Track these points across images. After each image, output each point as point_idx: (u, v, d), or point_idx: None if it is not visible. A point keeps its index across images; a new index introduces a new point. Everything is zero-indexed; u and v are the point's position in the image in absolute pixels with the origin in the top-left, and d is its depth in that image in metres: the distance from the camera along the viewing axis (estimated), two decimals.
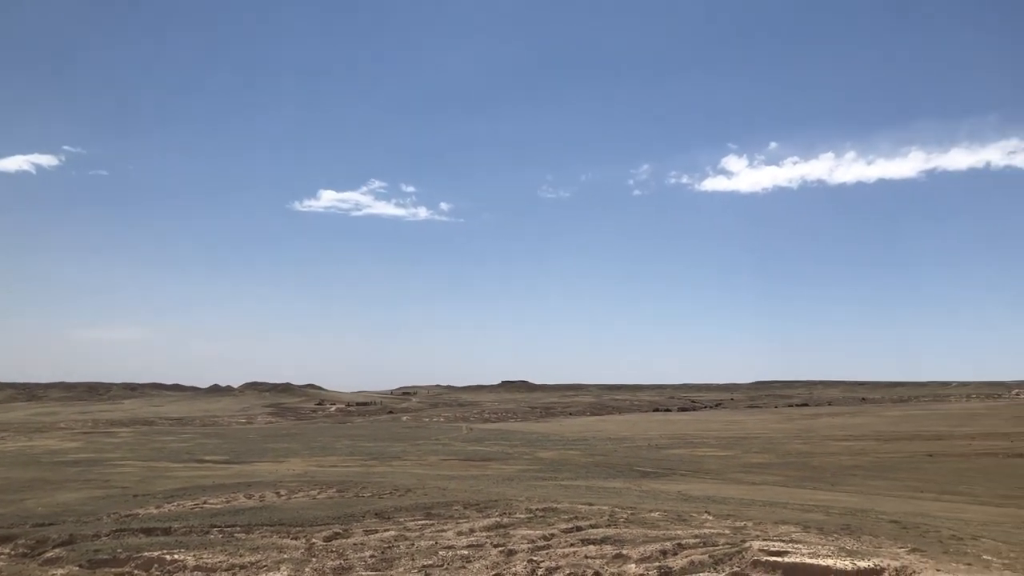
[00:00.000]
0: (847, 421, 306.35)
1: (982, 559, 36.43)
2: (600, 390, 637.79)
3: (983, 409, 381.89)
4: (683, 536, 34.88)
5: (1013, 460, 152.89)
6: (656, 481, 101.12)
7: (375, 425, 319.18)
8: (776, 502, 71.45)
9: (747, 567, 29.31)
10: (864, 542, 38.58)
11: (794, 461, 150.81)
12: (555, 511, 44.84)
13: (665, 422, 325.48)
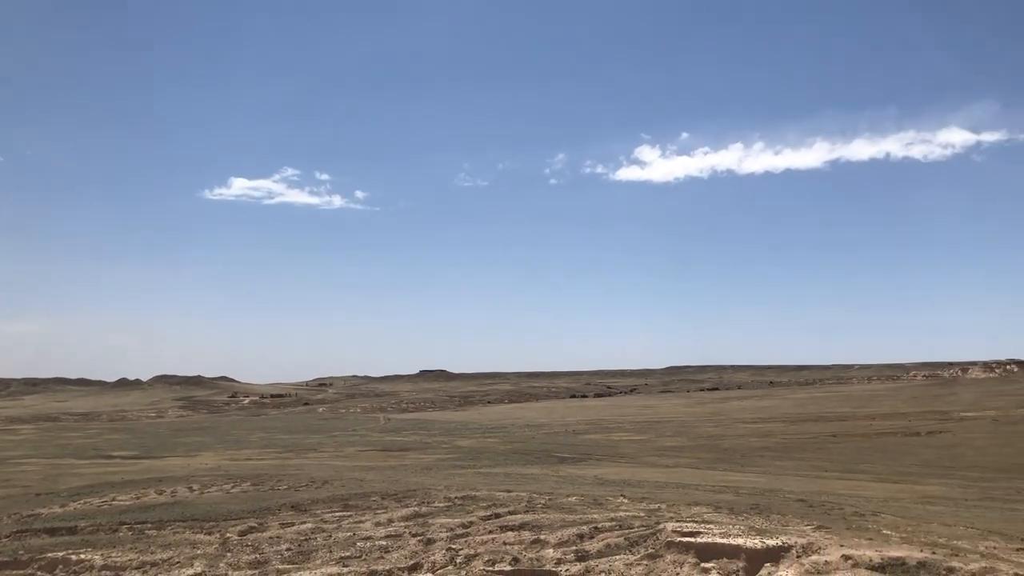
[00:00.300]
0: (755, 404, 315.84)
1: (882, 534, 38.14)
2: (518, 378, 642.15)
3: (883, 391, 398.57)
4: (599, 520, 35.47)
5: (910, 439, 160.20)
6: (573, 466, 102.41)
7: (290, 417, 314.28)
8: (689, 484, 73.24)
9: (661, 548, 30.02)
10: (773, 521, 39.93)
11: (705, 444, 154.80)
12: (474, 499, 45.01)
13: (582, 408, 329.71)
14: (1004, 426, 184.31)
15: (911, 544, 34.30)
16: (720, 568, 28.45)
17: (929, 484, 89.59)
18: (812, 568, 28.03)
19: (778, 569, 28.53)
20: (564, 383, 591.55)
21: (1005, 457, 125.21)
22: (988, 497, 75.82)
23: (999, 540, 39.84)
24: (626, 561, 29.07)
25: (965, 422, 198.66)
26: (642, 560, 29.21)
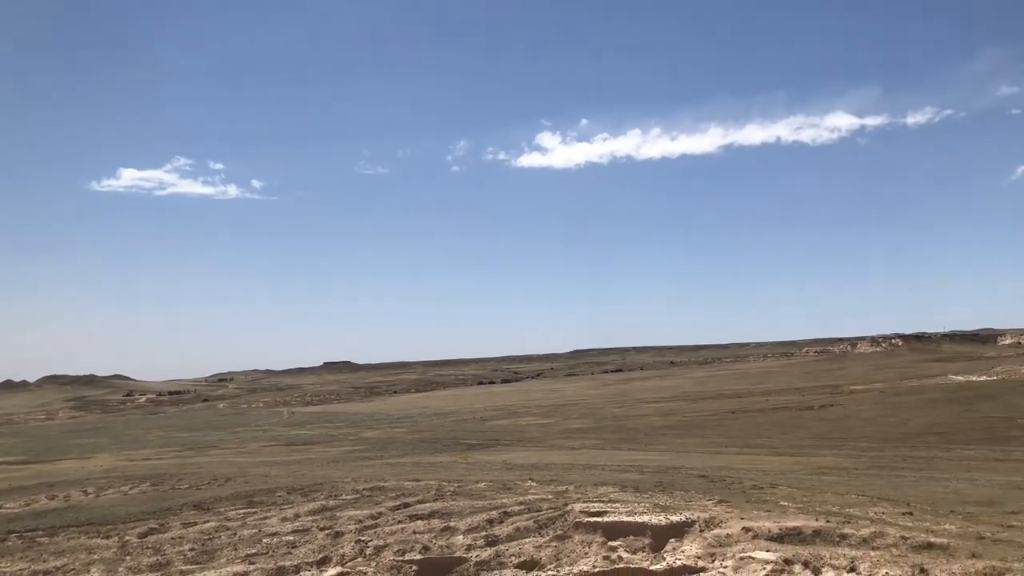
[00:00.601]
0: (658, 384, 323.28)
1: (779, 505, 39.65)
2: (424, 366, 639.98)
3: (778, 367, 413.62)
4: (508, 504, 35.76)
5: (803, 412, 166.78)
6: (482, 452, 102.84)
7: (190, 414, 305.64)
8: (595, 465, 74.51)
9: (570, 529, 30.48)
10: (676, 497, 41.03)
11: (610, 425, 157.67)
12: (382, 489, 44.78)
13: (489, 394, 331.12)
14: (890, 397, 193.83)
15: (807, 514, 35.77)
16: (627, 546, 29.08)
17: (822, 455, 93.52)
18: (714, 541, 28.92)
19: (682, 544, 29.34)
20: (471, 370, 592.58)
21: (891, 427, 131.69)
22: (876, 466, 79.68)
23: (887, 506, 41.95)
24: (536, 544, 29.40)
25: (855, 395, 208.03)
26: (551, 542, 29.60)
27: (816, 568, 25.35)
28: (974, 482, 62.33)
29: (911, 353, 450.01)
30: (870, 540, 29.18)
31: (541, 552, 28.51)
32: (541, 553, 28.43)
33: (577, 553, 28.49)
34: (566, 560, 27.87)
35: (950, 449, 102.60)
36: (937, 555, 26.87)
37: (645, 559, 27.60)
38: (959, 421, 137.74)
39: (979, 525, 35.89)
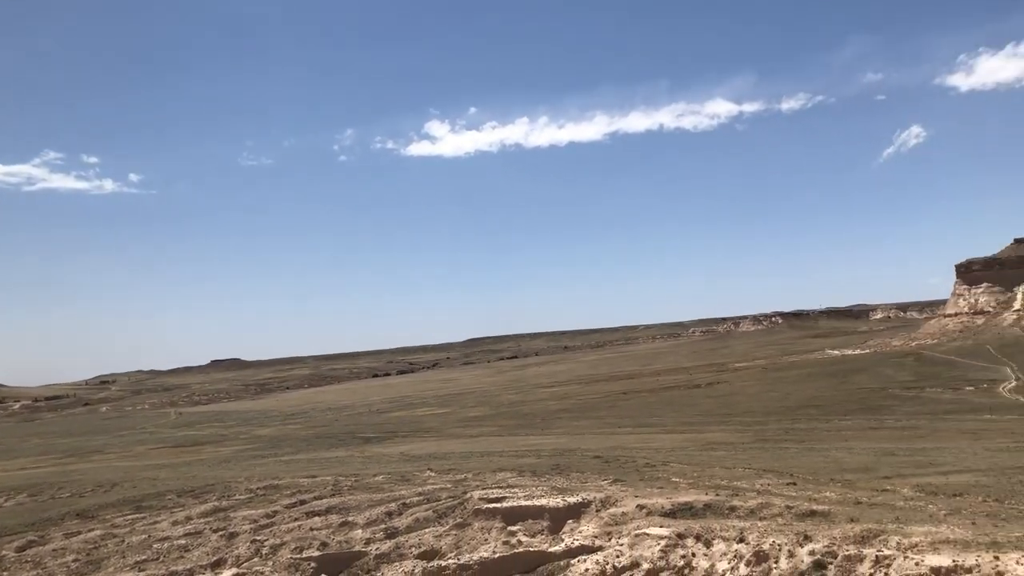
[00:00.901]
0: (552, 369, 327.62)
1: (672, 481, 40.86)
2: (317, 361, 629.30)
3: (666, 348, 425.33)
4: (407, 496, 35.65)
5: (692, 391, 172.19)
6: (379, 445, 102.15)
7: (70, 420, 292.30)
8: (493, 451, 75.08)
9: (469, 516, 30.62)
10: (573, 479, 41.76)
11: (507, 411, 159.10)
12: (277, 488, 43.96)
13: (384, 386, 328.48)
14: (772, 373, 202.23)
15: (697, 488, 36.99)
16: (526, 529, 29.44)
17: (711, 431, 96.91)
18: (610, 520, 29.60)
19: (579, 524, 29.91)
20: (366, 363, 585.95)
21: (773, 401, 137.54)
22: (761, 439, 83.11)
23: (772, 477, 43.80)
24: (435, 533, 29.43)
25: (739, 372, 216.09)
26: (451, 530, 29.69)
27: (708, 541, 26.26)
28: (851, 451, 65.79)
29: (791, 330, 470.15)
30: (757, 511, 30.43)
31: (441, 541, 28.55)
32: (441, 542, 28.48)
33: (477, 540, 28.65)
34: (466, 548, 28.00)
35: (829, 420, 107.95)
36: (819, 521, 28.26)
37: (544, 542, 27.99)
38: (836, 393, 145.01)
39: (856, 491, 37.89)
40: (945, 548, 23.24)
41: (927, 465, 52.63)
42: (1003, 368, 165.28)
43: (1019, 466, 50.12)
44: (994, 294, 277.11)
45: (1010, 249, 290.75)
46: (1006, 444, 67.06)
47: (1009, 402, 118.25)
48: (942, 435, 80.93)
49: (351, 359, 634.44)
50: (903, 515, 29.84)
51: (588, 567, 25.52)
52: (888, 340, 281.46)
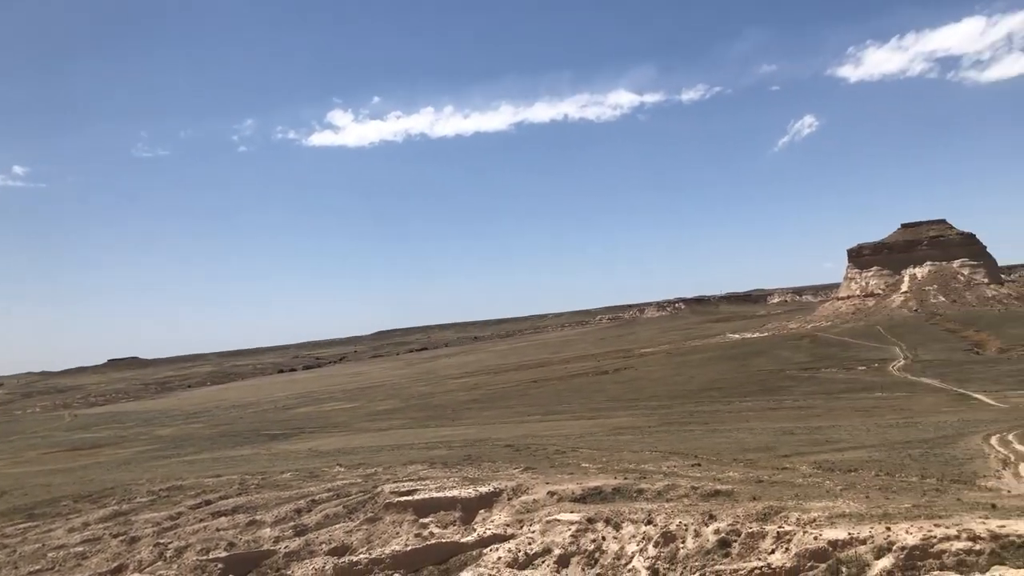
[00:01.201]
0: (462, 360, 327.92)
1: (581, 467, 41.45)
2: (220, 358, 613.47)
3: (575, 335, 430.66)
4: (316, 492, 35.17)
5: (600, 377, 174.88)
6: (286, 442, 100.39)
7: None
8: (403, 444, 74.72)
9: (380, 511, 30.41)
10: (484, 469, 41.93)
11: (417, 403, 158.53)
12: (180, 488, 42.77)
13: (290, 382, 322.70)
14: (676, 357, 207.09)
15: (607, 473, 37.62)
16: (438, 521, 29.41)
17: (618, 416, 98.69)
18: (522, 508, 29.83)
19: (491, 514, 30.05)
20: (270, 359, 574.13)
21: (678, 385, 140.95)
22: (667, 422, 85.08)
23: (678, 459, 44.90)
24: (346, 529, 29.12)
25: (645, 357, 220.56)
26: (362, 525, 29.42)
27: (617, 524, 26.74)
28: (752, 431, 67.98)
29: (693, 315, 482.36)
30: (664, 493, 31.16)
31: (352, 536, 28.29)
32: (352, 537, 28.22)
33: (389, 534, 28.49)
34: (378, 542, 27.82)
35: (730, 402, 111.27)
36: (723, 501, 29.12)
37: (456, 532, 28.02)
38: (737, 376, 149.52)
39: (758, 470, 39.19)
40: (841, 522, 24.26)
41: (823, 443, 54.83)
42: (892, 348, 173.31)
43: (908, 441, 52.70)
44: (883, 277, 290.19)
45: (898, 234, 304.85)
46: (896, 420, 70.41)
47: (898, 380, 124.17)
48: (837, 414, 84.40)
49: (255, 355, 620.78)
50: (802, 492, 31.02)
51: (500, 555, 25.69)
52: (785, 323, 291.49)
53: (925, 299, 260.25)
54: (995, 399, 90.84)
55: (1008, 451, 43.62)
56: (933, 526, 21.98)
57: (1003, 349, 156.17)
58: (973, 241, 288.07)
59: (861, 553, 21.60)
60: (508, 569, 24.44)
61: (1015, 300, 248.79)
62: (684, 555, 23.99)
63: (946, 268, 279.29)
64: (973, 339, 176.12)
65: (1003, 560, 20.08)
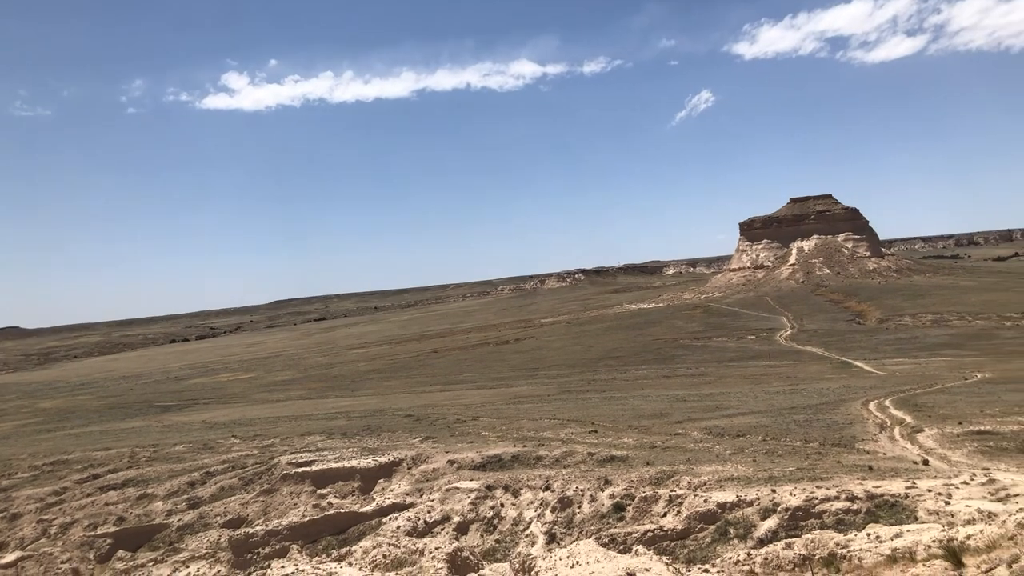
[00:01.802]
0: (362, 330, 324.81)
1: (481, 435, 41.81)
2: (108, 327, 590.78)
3: (476, 306, 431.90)
4: (211, 464, 34.46)
5: (501, 347, 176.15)
6: (179, 414, 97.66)
7: None
8: (301, 415, 73.75)
9: (277, 482, 30.05)
10: (384, 439, 41.83)
11: (316, 374, 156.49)
12: (66, 463, 41.24)
13: (184, 352, 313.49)
14: (575, 327, 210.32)
15: (506, 441, 38.08)
16: (337, 491, 29.26)
17: (518, 385, 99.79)
18: (421, 477, 29.96)
19: (391, 483, 30.08)
20: (162, 328, 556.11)
21: (576, 354, 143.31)
22: (565, 391, 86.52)
23: (575, 427, 45.79)
24: (242, 501, 28.68)
25: (545, 327, 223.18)
26: (259, 497, 29.02)
27: (515, 491, 27.16)
28: (647, 398, 69.84)
29: (592, 286, 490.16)
30: (562, 459, 31.77)
31: (248, 508, 27.92)
32: (248, 509, 27.85)
33: (286, 505, 28.21)
34: (275, 513, 27.52)
35: (627, 370, 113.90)
36: (618, 466, 29.90)
37: (355, 502, 27.96)
38: (633, 345, 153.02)
39: (652, 436, 40.36)
40: (730, 485, 25.27)
41: (714, 409, 56.79)
42: (780, 318, 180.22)
43: (793, 407, 55.11)
44: (773, 250, 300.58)
45: (787, 208, 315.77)
46: (782, 387, 73.44)
47: (785, 348, 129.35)
48: (727, 381, 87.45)
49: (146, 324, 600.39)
50: (693, 456, 32.12)
51: (400, 524, 25.77)
52: (680, 294, 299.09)
53: (811, 271, 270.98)
54: (874, 367, 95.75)
55: (885, 416, 46.13)
56: (815, 488, 23.15)
57: (882, 320, 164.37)
58: (857, 216, 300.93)
59: (748, 515, 22.59)
60: (407, 538, 24.53)
61: (894, 273, 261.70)
62: (580, 519, 24.59)
63: (831, 241, 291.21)
64: (855, 310, 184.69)
65: (878, 518, 21.34)
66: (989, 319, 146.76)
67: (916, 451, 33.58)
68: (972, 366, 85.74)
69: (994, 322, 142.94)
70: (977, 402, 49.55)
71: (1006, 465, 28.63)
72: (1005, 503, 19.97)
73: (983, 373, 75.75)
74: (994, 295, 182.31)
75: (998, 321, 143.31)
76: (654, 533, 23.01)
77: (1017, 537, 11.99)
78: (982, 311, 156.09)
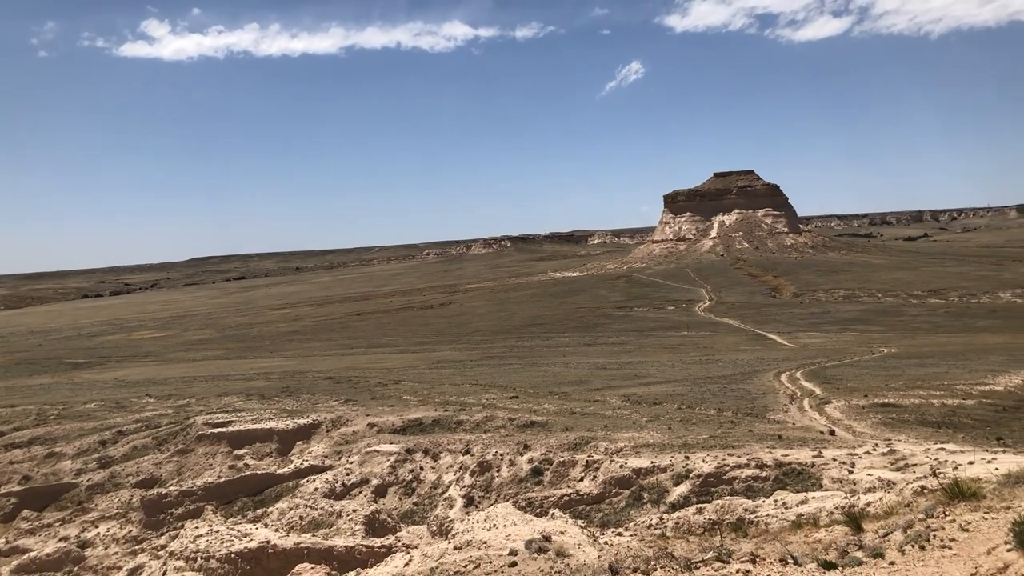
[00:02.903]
0: (283, 290, 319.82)
1: (403, 399, 41.80)
2: (16, 280, 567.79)
3: (401, 269, 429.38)
4: (123, 423, 33.67)
5: (425, 311, 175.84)
6: (90, 371, 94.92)
7: None
8: (219, 375, 72.49)
9: (192, 442, 29.56)
10: (303, 401, 41.46)
11: (235, 333, 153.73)
12: None
13: (96, 308, 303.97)
14: (500, 294, 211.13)
15: (427, 405, 38.16)
16: (254, 452, 28.94)
17: (442, 350, 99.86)
18: (340, 439, 29.84)
19: (309, 445, 29.89)
20: (74, 283, 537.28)
21: (500, 320, 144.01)
22: (488, 356, 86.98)
23: (497, 392, 46.14)
24: (155, 461, 28.15)
25: (470, 293, 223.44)
26: (173, 457, 28.52)
27: (435, 455, 27.29)
28: (568, 365, 70.74)
29: (518, 253, 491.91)
30: (482, 424, 32.01)
31: (162, 468, 27.45)
32: (162, 469, 27.37)
33: (201, 465, 27.80)
34: (189, 474, 27.10)
35: (549, 338, 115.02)
36: (538, 431, 30.30)
37: (272, 464, 27.74)
38: (557, 313, 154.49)
39: (571, 402, 40.96)
40: (645, 451, 25.86)
41: (633, 377, 57.89)
42: (699, 290, 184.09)
43: (708, 376, 56.54)
44: (695, 223, 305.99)
45: (710, 182, 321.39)
46: (699, 357, 75.24)
47: (703, 320, 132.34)
48: (647, 350, 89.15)
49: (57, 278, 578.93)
50: (611, 423, 32.74)
51: (317, 486, 25.66)
52: (604, 264, 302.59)
53: (731, 245, 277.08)
54: (787, 339, 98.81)
55: (795, 387, 47.74)
56: (727, 455, 23.88)
57: (796, 294, 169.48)
58: (777, 192, 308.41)
59: (662, 480, 23.20)
60: (325, 500, 24.46)
61: (810, 249, 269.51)
62: (499, 483, 24.88)
63: (752, 217, 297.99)
64: (771, 284, 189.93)
65: (785, 485, 22.17)
66: (897, 296, 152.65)
67: (824, 421, 34.87)
68: (880, 341, 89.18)
69: (901, 299, 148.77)
70: (883, 376, 51.64)
71: (906, 436, 29.97)
72: (903, 472, 20.95)
73: (889, 348, 78.88)
74: (903, 274, 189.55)
75: (905, 299, 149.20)
76: (570, 497, 23.45)
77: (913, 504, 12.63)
78: (891, 288, 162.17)
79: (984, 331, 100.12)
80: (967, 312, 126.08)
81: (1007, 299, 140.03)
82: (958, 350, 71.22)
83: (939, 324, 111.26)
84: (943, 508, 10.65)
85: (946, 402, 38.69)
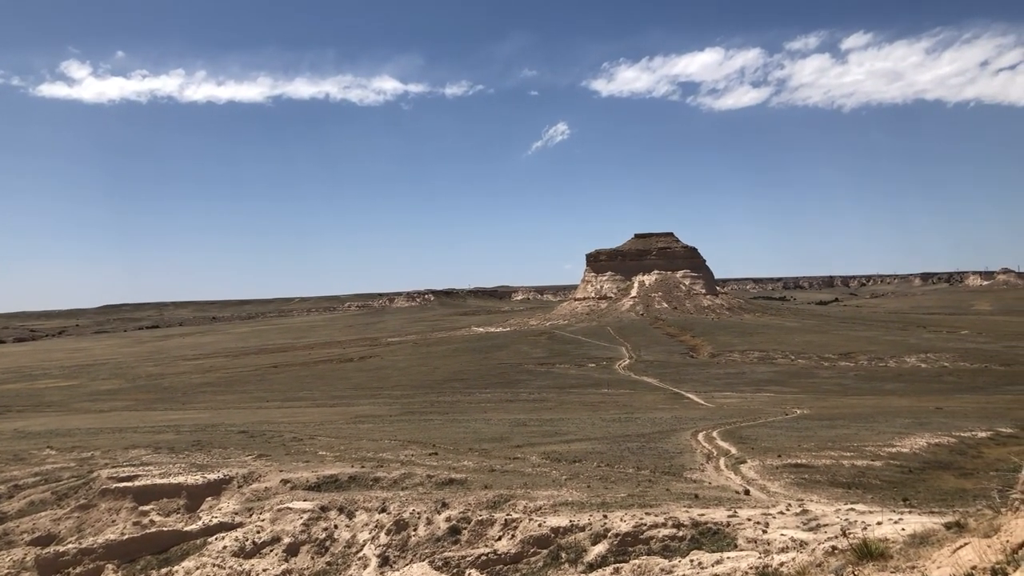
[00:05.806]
0: (198, 340, 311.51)
1: (318, 455, 40.86)
2: None
3: (322, 321, 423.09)
4: (21, 477, 32.06)
5: (344, 364, 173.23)
6: None
7: None
8: (126, 427, 69.78)
9: (95, 497, 28.28)
10: (214, 455, 40.15)
11: (145, 384, 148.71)
12: None
13: None
14: (422, 348, 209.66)
15: (344, 461, 37.37)
16: (160, 508, 27.81)
17: (360, 405, 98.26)
18: (253, 496, 28.93)
19: (219, 501, 28.87)
20: None
21: (422, 375, 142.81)
22: (408, 411, 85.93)
23: (416, 448, 45.51)
24: (54, 516, 26.80)
25: (391, 346, 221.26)
26: (73, 512, 27.19)
27: (351, 512, 26.65)
28: (488, 422, 70.32)
29: (441, 307, 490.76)
30: (400, 481, 31.47)
31: (61, 525, 26.14)
32: (61, 526, 26.07)
33: (103, 522, 26.58)
34: (90, 530, 25.88)
35: (471, 393, 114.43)
36: (457, 489, 29.91)
37: (180, 520, 26.71)
38: (479, 368, 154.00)
39: (492, 459, 40.63)
40: (564, 509, 25.76)
41: (553, 434, 57.81)
42: (620, 348, 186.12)
43: (627, 435, 56.86)
44: (616, 282, 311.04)
45: (631, 242, 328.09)
46: (618, 415, 75.72)
47: (623, 378, 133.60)
48: (567, 407, 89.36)
49: None
50: (531, 481, 32.57)
51: (226, 544, 24.76)
52: (527, 320, 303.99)
53: (651, 304, 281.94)
54: (704, 399, 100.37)
55: (712, 446, 48.35)
56: (644, 514, 23.95)
57: (713, 354, 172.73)
58: (695, 255, 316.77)
59: (580, 539, 23.09)
60: (234, 558, 23.62)
61: (726, 311, 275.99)
62: (415, 542, 24.42)
63: (670, 277, 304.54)
64: (689, 344, 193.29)
65: (701, 545, 22.31)
66: (810, 359, 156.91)
67: (739, 481, 35.34)
68: (793, 402, 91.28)
69: (814, 362, 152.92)
70: (795, 437, 52.74)
71: (818, 497, 30.58)
72: (815, 532, 21.33)
73: (802, 409, 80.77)
74: (815, 336, 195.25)
75: (817, 361, 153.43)
76: (488, 557, 23.13)
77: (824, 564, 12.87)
78: (804, 351, 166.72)
79: (891, 394, 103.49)
80: (875, 375, 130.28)
81: (912, 363, 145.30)
82: (867, 412, 73.35)
83: (849, 386, 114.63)
84: (852, 568, 10.89)
85: (856, 463, 39.68)
